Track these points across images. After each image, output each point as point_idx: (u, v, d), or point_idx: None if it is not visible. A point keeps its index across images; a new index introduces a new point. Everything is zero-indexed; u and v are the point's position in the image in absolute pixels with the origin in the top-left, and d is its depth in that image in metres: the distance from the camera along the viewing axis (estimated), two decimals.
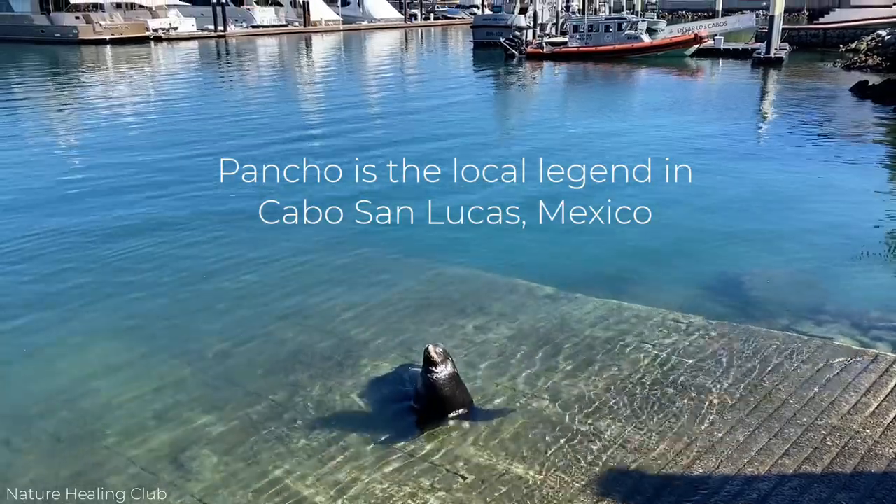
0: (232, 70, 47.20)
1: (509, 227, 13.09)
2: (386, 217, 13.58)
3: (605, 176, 16.34)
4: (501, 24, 57.30)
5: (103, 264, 11.29)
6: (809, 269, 11.02)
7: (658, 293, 9.98)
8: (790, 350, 7.63)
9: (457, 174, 16.52)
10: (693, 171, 16.96)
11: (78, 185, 16.22)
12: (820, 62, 43.76)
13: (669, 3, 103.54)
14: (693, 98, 31.32)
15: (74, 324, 9.28)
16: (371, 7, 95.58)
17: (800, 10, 73.15)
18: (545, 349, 7.90)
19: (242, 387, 7.45)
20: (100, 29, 66.32)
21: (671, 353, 7.67)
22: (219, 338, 8.66)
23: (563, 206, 14.16)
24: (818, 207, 14.19)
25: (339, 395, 7.15)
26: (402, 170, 17.10)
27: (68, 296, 10.16)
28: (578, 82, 38.93)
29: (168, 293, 10.22)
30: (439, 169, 17.02)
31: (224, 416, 6.89)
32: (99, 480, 6.00)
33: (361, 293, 9.91)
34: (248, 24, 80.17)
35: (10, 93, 34.95)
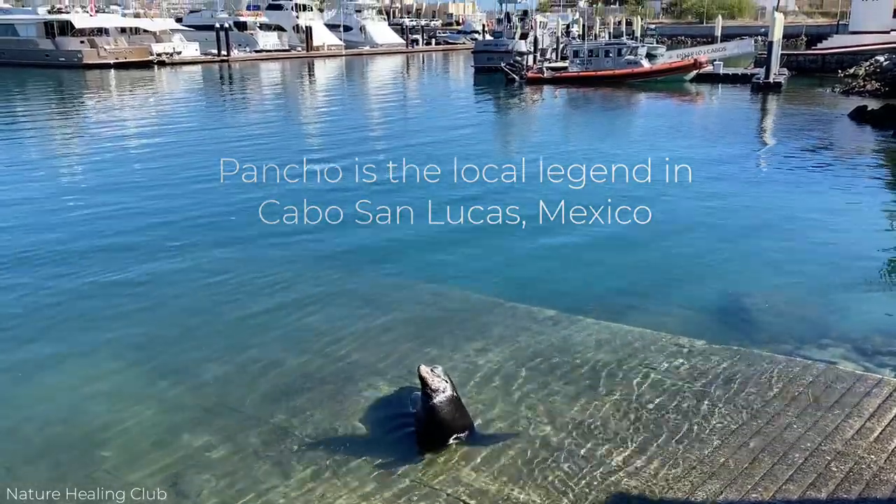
0: (235, 93, 47.53)
1: (510, 249, 13.10)
2: (386, 238, 13.60)
3: (606, 198, 16.38)
4: (502, 50, 57.78)
5: (101, 287, 11.25)
6: (811, 293, 11.00)
7: (660, 316, 9.96)
8: (793, 374, 7.59)
9: (458, 195, 16.60)
10: (694, 195, 17.03)
11: (78, 206, 16.24)
12: (819, 87, 44.04)
13: (669, 28, 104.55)
14: (693, 122, 31.50)
15: (73, 346, 9.22)
16: (373, 32, 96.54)
17: (798, 35, 73.71)
18: (546, 372, 7.85)
19: (241, 411, 7.40)
20: (104, 53, 66.89)
21: (673, 377, 7.62)
22: (217, 361, 8.62)
23: (563, 228, 14.21)
24: (820, 231, 14.19)
25: (339, 419, 7.10)
26: (403, 190, 17.18)
27: (66, 318, 10.12)
28: (578, 106, 39.17)
29: (167, 316, 10.19)
30: (441, 191, 17.11)
31: (223, 441, 6.84)
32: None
33: (361, 315, 9.88)
34: (252, 48, 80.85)
35: (14, 115, 35.17)
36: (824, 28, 79.15)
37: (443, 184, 18.24)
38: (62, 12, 69.40)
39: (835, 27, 74.25)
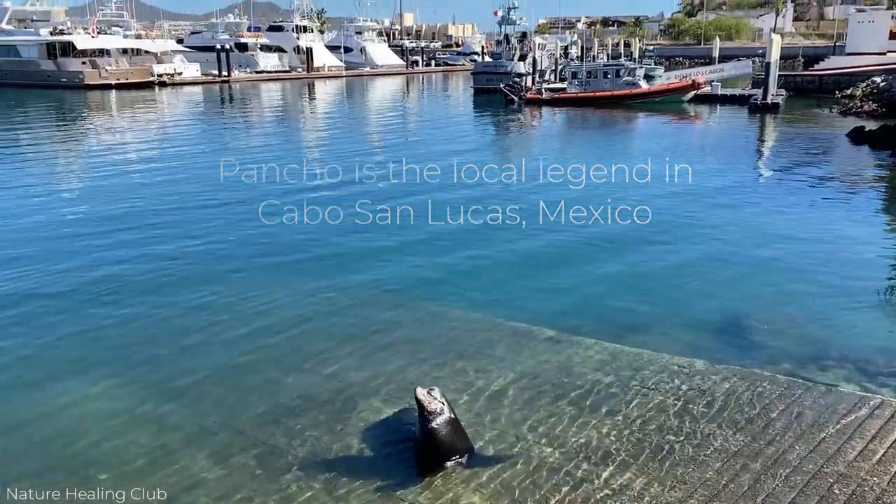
0: (234, 114, 47.73)
1: (508, 269, 13.09)
2: (385, 259, 13.59)
3: (604, 216, 16.42)
4: (501, 71, 58.21)
5: (100, 307, 11.22)
6: (811, 313, 10.97)
7: (660, 336, 9.93)
8: (794, 395, 7.55)
9: (458, 216, 16.65)
10: (693, 215, 17.05)
11: (76, 226, 16.25)
12: (816, 108, 44.26)
13: (667, 50, 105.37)
14: (692, 143, 31.63)
15: (71, 367, 9.17)
16: (373, 54, 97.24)
17: (795, 57, 74.38)
18: (547, 393, 7.81)
19: (240, 431, 7.35)
20: (105, 74, 67.32)
21: (674, 399, 7.58)
22: (215, 380, 8.59)
23: (564, 248, 14.22)
24: (819, 251, 14.18)
25: (338, 441, 7.04)
26: (403, 211, 17.18)
27: (64, 338, 10.07)
28: (577, 127, 39.34)
29: (164, 336, 10.14)
30: (441, 211, 17.15)
31: (221, 461, 6.78)
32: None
33: (360, 335, 9.85)
34: (252, 69, 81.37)
35: (14, 135, 35.29)
36: (821, 49, 79.87)
37: (444, 205, 18.27)
38: (64, 34, 69.95)
39: (832, 48, 74.91)
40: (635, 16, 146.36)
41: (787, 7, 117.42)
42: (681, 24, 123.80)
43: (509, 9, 64.03)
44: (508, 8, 64.00)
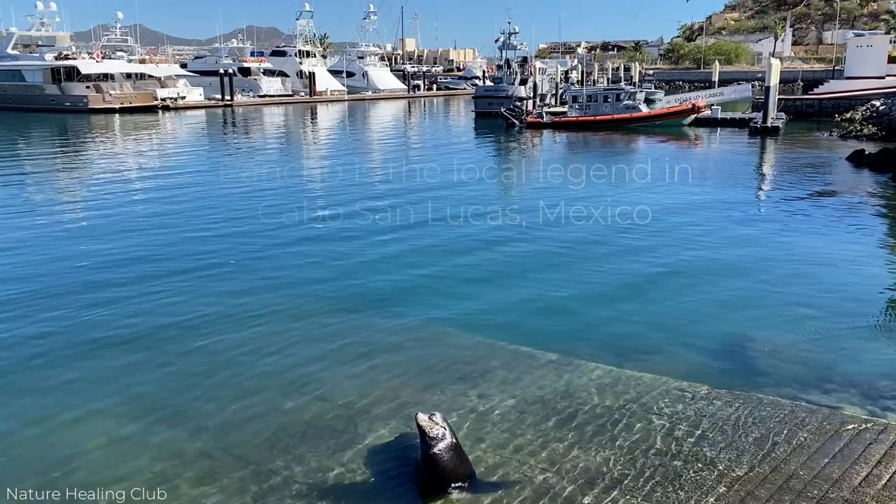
0: (237, 138, 47.98)
1: (511, 292, 13.07)
2: (386, 281, 13.59)
3: (606, 241, 16.46)
4: (502, 95, 58.57)
5: (101, 333, 11.20)
6: (814, 337, 10.93)
7: (662, 359, 9.89)
8: (798, 420, 7.50)
9: (459, 238, 16.69)
10: (693, 238, 17.06)
11: (77, 251, 16.26)
12: (816, 131, 44.44)
13: (666, 74, 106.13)
14: (692, 166, 31.73)
15: (72, 393, 9.14)
16: (375, 78, 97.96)
17: (794, 80, 74.78)
18: (549, 418, 7.77)
19: (241, 458, 7.31)
20: (109, 98, 67.81)
21: (676, 423, 7.54)
22: (217, 407, 8.55)
23: (565, 270, 14.21)
24: (821, 274, 14.17)
25: (338, 465, 7.00)
26: (403, 233, 17.23)
27: (63, 364, 10.04)
28: (577, 150, 39.50)
29: (165, 362, 10.10)
30: (442, 233, 17.19)
31: (223, 488, 6.74)
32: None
33: (361, 359, 9.82)
34: (255, 93, 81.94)
35: (18, 158, 35.47)
36: (820, 73, 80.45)
37: (444, 227, 18.33)
38: (69, 58, 70.58)
39: (830, 72, 75.42)
40: (635, 40, 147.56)
41: (786, 32, 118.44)
42: (680, 48, 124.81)
43: (510, 34, 64.62)
44: (509, 33, 64.59)
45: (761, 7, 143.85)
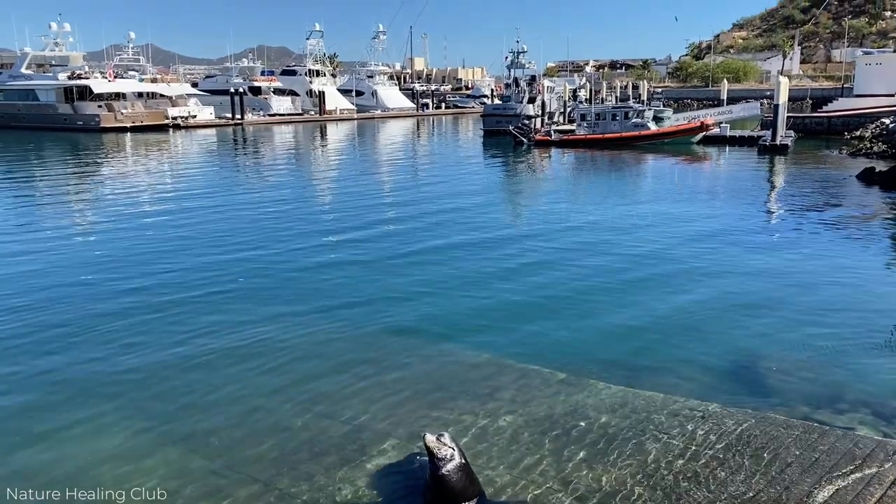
0: (247, 157, 48.28)
1: (519, 309, 13.03)
2: (394, 298, 13.58)
3: (615, 259, 16.42)
4: (510, 113, 58.80)
5: (111, 350, 11.23)
6: (825, 355, 10.84)
7: (672, 378, 9.83)
8: (810, 440, 7.42)
9: (468, 255, 16.69)
10: (703, 255, 17.00)
11: (89, 269, 16.36)
12: (826, 149, 44.35)
13: (675, 92, 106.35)
14: (701, 184, 31.70)
15: (79, 410, 9.14)
16: (384, 97, 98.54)
17: (803, 98, 74.83)
18: (558, 438, 7.72)
19: (249, 476, 7.28)
20: (121, 117, 68.50)
21: (687, 443, 7.47)
22: (224, 424, 8.54)
23: (573, 289, 14.17)
24: (832, 293, 14.08)
25: (346, 485, 6.96)
26: (412, 250, 17.24)
27: (73, 382, 10.05)
28: (586, 168, 39.54)
29: (173, 379, 10.11)
30: (448, 254, 17.19)
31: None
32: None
33: (369, 377, 9.80)
34: (265, 112, 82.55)
35: (33, 177, 35.78)
36: (829, 91, 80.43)
37: (452, 247, 18.33)
38: (82, 78, 71.39)
39: (839, 90, 75.40)
40: (643, 59, 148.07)
41: (795, 50, 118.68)
42: (688, 66, 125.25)
43: (518, 53, 65.00)
44: (518, 52, 64.97)
45: (769, 26, 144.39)
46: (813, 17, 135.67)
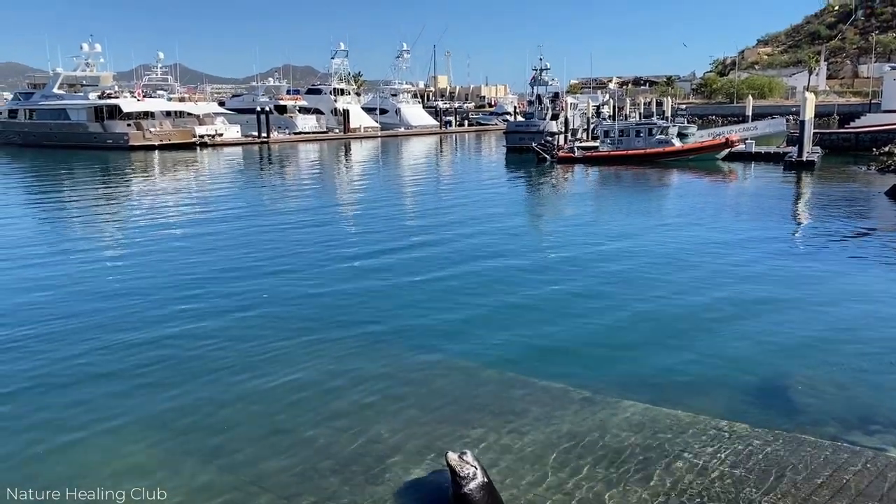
0: (273, 174, 48.77)
1: (543, 327, 12.98)
2: (418, 317, 13.60)
3: (641, 276, 16.31)
4: (533, 130, 58.82)
5: (134, 364, 11.35)
6: (854, 374, 10.66)
7: (697, 397, 9.71)
8: (840, 461, 7.29)
9: (489, 275, 16.69)
10: (731, 273, 16.83)
11: (116, 283, 16.58)
12: (853, 165, 43.80)
13: (699, 108, 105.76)
14: (727, 200, 31.44)
15: (104, 422, 9.24)
16: (408, 115, 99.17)
17: (830, 114, 74.04)
18: (583, 456, 7.66)
19: (273, 491, 7.31)
20: (149, 135, 69.64)
21: (714, 463, 7.37)
22: (248, 439, 8.58)
23: (597, 305, 14.09)
24: (861, 311, 13.86)
25: (369, 503, 6.95)
26: (434, 268, 17.27)
27: (95, 395, 10.16)
28: (610, 185, 39.40)
29: (198, 393, 10.19)
30: (472, 270, 17.20)
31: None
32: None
33: (391, 394, 9.81)
34: (291, 130, 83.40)
35: (65, 194, 36.46)
36: (856, 107, 79.52)
37: (476, 264, 18.33)
38: (111, 97, 72.76)
39: (867, 106, 74.51)
40: (667, 75, 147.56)
41: (821, 66, 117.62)
42: (713, 82, 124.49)
43: (541, 70, 65.13)
44: (541, 69, 65.10)
45: (795, 41, 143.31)
46: (840, 33, 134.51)
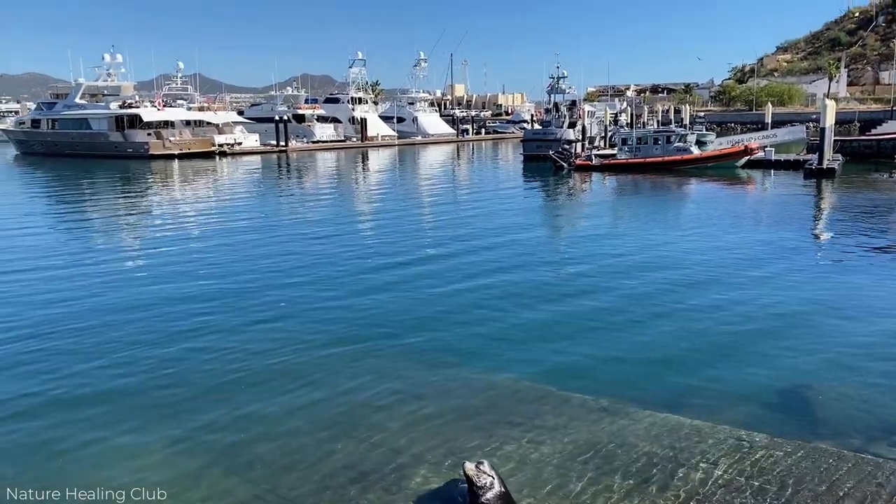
0: (291, 183, 49.07)
1: (560, 337, 12.94)
2: (435, 326, 13.60)
3: (661, 284, 16.21)
4: (551, 138, 58.72)
5: (157, 374, 11.44)
6: (876, 384, 10.52)
7: (717, 406, 9.62)
8: (863, 473, 7.20)
9: (507, 285, 16.66)
10: (752, 281, 16.70)
11: (137, 293, 16.73)
12: (875, 172, 43.33)
13: (718, 116, 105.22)
14: (747, 209, 31.20)
15: (127, 432, 9.33)
16: (425, 123, 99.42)
17: (851, 121, 73.37)
18: (601, 466, 7.61)
19: (291, 500, 7.33)
20: (169, 144, 70.38)
21: (734, 474, 7.30)
22: (268, 448, 8.62)
23: (616, 315, 14.02)
24: (882, 320, 13.69)
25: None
26: (452, 277, 17.28)
27: (122, 405, 10.27)
28: (628, 193, 39.24)
29: (217, 402, 10.26)
30: (489, 280, 17.19)
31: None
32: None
33: (409, 403, 9.81)
34: (309, 139, 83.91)
35: (87, 201, 36.89)
36: (878, 114, 78.74)
37: (493, 273, 18.31)
38: (132, 107, 73.64)
39: (889, 113, 73.75)
40: (685, 83, 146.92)
41: (841, 72, 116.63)
42: (731, 90, 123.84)
43: (559, 78, 65.09)
44: (558, 77, 65.07)
45: (814, 48, 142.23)
46: (860, 39, 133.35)
